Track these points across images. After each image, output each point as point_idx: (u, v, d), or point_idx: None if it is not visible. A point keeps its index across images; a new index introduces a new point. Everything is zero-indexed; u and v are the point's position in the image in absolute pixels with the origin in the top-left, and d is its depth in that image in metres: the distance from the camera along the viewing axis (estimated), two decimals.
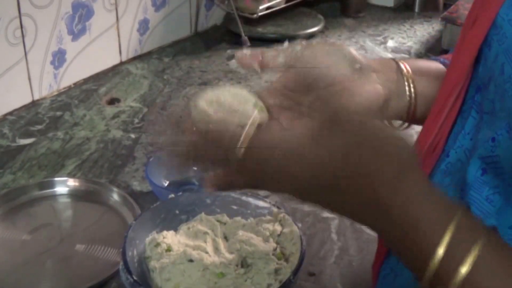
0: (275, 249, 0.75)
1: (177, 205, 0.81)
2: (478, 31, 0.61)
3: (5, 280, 0.83)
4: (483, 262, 0.46)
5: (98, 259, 0.86)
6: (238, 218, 0.79)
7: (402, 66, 0.70)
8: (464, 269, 0.45)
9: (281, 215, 0.79)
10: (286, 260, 0.75)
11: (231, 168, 0.54)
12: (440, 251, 0.46)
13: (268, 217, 0.79)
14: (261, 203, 0.81)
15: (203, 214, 0.80)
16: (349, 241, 0.90)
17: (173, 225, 0.79)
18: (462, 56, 0.63)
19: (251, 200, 0.82)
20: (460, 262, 0.45)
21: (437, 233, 0.46)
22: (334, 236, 0.92)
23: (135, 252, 0.74)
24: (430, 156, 0.65)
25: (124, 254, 0.72)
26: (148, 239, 0.76)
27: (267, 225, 0.77)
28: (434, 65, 0.74)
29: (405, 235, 0.48)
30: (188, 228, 0.78)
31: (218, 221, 0.79)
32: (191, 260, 0.74)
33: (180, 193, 0.84)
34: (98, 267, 0.84)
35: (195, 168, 0.81)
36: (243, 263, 0.74)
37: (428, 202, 0.48)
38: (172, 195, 0.82)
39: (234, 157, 0.52)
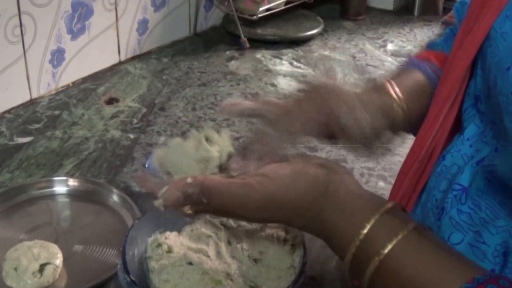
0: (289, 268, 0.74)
1: None
2: (472, 41, 0.61)
3: (2, 280, 0.82)
4: (405, 247, 0.50)
5: (96, 260, 0.85)
6: (243, 223, 0.79)
7: (393, 93, 0.68)
8: (385, 250, 0.50)
9: None
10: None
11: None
12: (364, 231, 0.51)
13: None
14: None
15: (207, 217, 0.79)
16: None
17: (177, 226, 0.78)
18: (457, 65, 0.63)
19: None
20: (383, 244, 0.50)
21: (361, 219, 0.52)
22: None
23: (136, 252, 0.73)
24: (428, 161, 0.66)
25: (123, 253, 0.71)
26: (150, 239, 0.76)
27: (271, 231, 0.77)
28: (418, 77, 0.73)
29: (332, 224, 0.55)
30: (192, 230, 0.77)
31: (222, 224, 0.78)
32: (190, 263, 0.73)
33: None
34: (97, 268, 0.84)
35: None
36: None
37: (354, 199, 0.54)
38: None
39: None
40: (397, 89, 0.68)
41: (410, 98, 0.69)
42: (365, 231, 0.51)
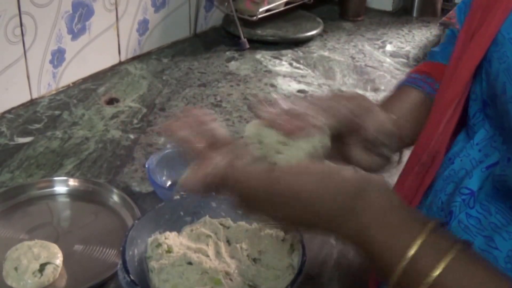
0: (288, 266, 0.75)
1: (182, 207, 0.80)
2: (478, 46, 0.61)
3: (2, 280, 0.82)
4: (454, 269, 0.48)
5: (96, 260, 0.86)
6: (242, 223, 0.79)
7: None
8: (435, 273, 0.47)
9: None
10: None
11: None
12: (411, 252, 0.49)
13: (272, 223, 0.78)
14: None
15: (207, 217, 0.79)
16: (348, 245, 0.90)
17: (177, 227, 0.79)
18: (461, 69, 0.63)
19: None
20: (432, 266, 0.48)
21: (407, 238, 0.50)
22: (333, 240, 0.92)
23: (135, 252, 0.74)
24: (431, 165, 0.66)
25: (123, 253, 0.71)
26: (150, 239, 0.76)
27: (270, 231, 0.77)
28: (414, 97, 0.73)
29: (376, 241, 0.51)
30: (191, 230, 0.77)
31: (221, 224, 0.78)
32: (190, 263, 0.73)
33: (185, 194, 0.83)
34: (96, 268, 0.84)
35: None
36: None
37: (397, 214, 0.52)
38: (177, 196, 0.81)
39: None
40: (391, 116, 0.68)
41: (405, 120, 0.70)
42: (412, 251, 0.49)
